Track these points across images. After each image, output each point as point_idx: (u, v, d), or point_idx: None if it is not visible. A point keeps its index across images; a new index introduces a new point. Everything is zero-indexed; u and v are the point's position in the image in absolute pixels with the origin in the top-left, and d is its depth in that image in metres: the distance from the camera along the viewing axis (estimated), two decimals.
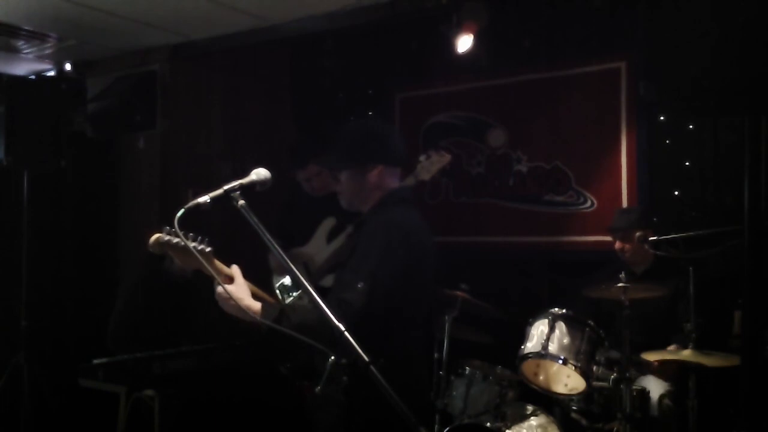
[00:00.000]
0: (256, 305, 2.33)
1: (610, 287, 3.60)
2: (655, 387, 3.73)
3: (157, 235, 2.20)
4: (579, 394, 3.59)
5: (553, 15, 4.80)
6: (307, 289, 2.01)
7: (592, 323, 3.66)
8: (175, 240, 2.16)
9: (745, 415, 2.26)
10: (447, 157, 3.87)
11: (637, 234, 4.04)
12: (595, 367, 3.57)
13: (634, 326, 3.52)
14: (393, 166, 2.72)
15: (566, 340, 3.60)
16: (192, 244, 2.20)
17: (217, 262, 2.33)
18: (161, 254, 2.26)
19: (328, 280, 3.70)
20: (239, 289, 2.32)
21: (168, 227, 2.19)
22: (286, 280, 3.11)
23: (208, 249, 2.26)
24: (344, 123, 5.87)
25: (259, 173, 2.24)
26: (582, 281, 4.07)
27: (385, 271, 2.45)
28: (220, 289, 2.28)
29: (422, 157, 3.85)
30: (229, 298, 2.26)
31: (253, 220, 2.09)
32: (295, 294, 2.95)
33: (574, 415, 3.69)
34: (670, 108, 4.54)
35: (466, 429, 3.78)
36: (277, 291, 3.20)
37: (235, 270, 2.35)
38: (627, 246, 4.11)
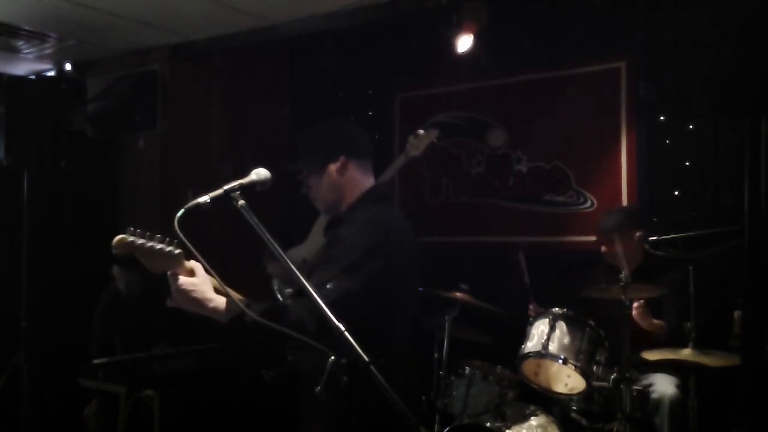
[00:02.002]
0: (220, 299, 2.21)
1: (610, 287, 3.59)
2: (663, 382, 3.71)
3: (120, 236, 2.07)
4: (579, 394, 3.59)
5: (553, 15, 4.80)
6: (307, 289, 2.00)
7: (592, 323, 3.66)
8: (140, 241, 2.06)
9: (745, 415, 2.26)
10: (434, 133, 3.97)
11: (637, 234, 4.03)
12: (595, 367, 3.57)
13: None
14: (356, 157, 2.57)
15: (566, 340, 3.60)
16: (159, 246, 2.10)
17: (187, 264, 2.20)
18: (127, 257, 2.07)
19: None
20: (202, 283, 2.20)
21: (132, 228, 2.08)
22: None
23: (177, 251, 2.14)
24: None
25: (259, 173, 2.22)
26: (582, 281, 4.07)
27: (365, 267, 2.34)
28: (180, 281, 2.16)
29: (411, 136, 3.90)
30: (190, 291, 2.16)
31: (253, 220, 2.08)
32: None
33: (574, 415, 3.69)
34: (670, 108, 4.54)
35: (466, 429, 3.78)
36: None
37: (195, 265, 2.21)
38: (609, 249, 3.99)
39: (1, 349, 4.83)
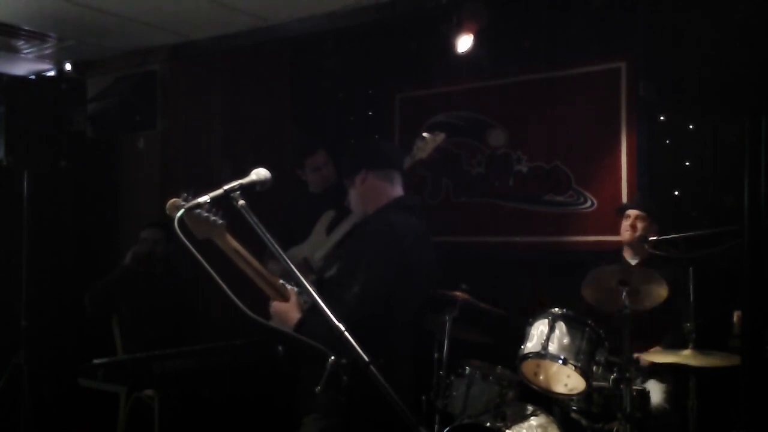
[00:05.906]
0: (297, 319, 2.52)
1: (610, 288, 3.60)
2: (651, 389, 3.72)
3: (174, 199, 2.30)
4: (579, 394, 3.59)
5: (553, 15, 4.80)
6: (308, 290, 2.00)
7: (592, 323, 3.66)
8: (188, 205, 2.21)
9: (745, 415, 2.26)
10: (441, 136, 4.04)
11: (639, 227, 4.06)
12: (595, 367, 3.57)
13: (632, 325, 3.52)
14: (377, 169, 2.78)
15: (566, 340, 3.60)
16: (205, 214, 2.30)
17: (230, 237, 2.43)
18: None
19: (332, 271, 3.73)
20: (288, 310, 2.55)
21: (185, 194, 2.27)
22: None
23: (221, 222, 2.37)
24: (344, 123, 5.88)
25: (259, 173, 2.24)
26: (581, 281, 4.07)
27: (376, 273, 2.51)
28: (272, 306, 2.56)
29: (418, 139, 3.97)
30: (276, 314, 2.53)
31: (253, 220, 2.09)
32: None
33: (574, 415, 3.69)
34: (670, 108, 4.54)
35: (466, 429, 3.78)
36: None
37: (292, 291, 2.57)
38: (639, 225, 4.11)
39: (1, 349, 4.83)
